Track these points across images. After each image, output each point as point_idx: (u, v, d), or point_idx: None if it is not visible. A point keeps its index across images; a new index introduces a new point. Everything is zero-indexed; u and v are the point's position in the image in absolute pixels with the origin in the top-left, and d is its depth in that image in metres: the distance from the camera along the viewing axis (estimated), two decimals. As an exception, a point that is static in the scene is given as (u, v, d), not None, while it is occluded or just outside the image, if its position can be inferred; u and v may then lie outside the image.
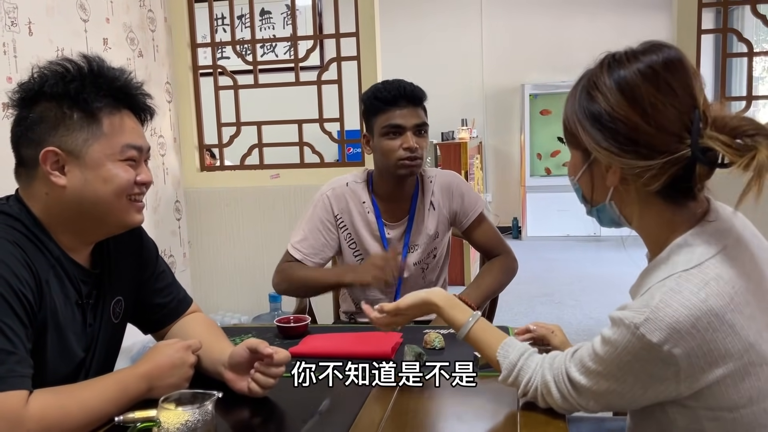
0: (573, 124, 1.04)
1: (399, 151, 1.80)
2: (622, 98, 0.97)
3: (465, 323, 1.18)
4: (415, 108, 1.83)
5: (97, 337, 1.23)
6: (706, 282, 0.92)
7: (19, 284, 1.02)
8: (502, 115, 6.89)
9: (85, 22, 2.56)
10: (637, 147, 0.96)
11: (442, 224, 1.95)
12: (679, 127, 0.95)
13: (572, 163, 1.10)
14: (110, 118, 1.13)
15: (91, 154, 1.12)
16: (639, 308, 0.94)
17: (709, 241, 0.97)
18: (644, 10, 6.33)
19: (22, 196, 1.15)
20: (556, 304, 4.48)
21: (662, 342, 0.90)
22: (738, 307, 0.92)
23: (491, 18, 6.70)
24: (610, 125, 0.97)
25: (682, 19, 2.84)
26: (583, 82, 1.03)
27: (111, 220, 1.17)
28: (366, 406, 1.16)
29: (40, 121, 1.11)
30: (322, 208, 1.93)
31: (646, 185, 0.97)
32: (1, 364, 0.97)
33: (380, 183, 1.92)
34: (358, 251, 1.94)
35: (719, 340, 0.91)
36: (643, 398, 0.97)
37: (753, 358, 0.93)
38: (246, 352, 1.18)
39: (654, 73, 0.96)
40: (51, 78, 1.11)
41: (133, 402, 1.12)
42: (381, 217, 1.92)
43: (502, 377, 1.13)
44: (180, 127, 3.28)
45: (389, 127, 1.81)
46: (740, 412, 0.95)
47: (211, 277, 3.33)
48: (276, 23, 6.56)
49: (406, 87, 1.82)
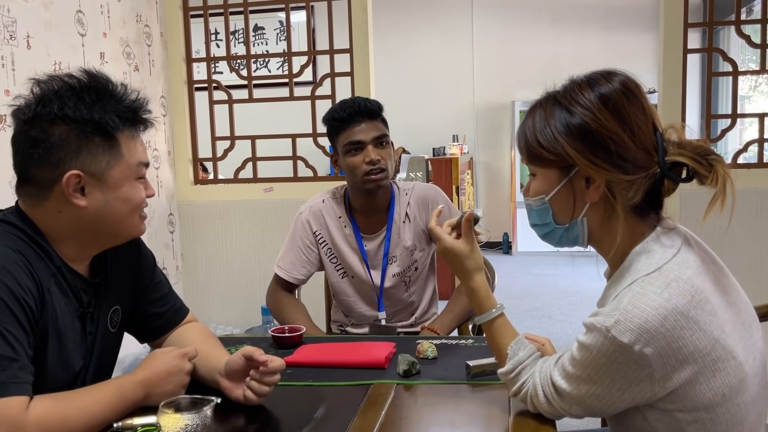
0: (548, 143, 1.06)
1: (362, 166, 1.83)
2: (609, 114, 1.03)
3: (490, 311, 1.20)
4: (372, 121, 1.86)
5: (94, 346, 1.25)
6: (667, 284, 0.98)
7: (21, 291, 1.04)
8: (493, 131, 6.97)
9: (82, 36, 2.59)
10: (624, 162, 1.03)
11: (418, 236, 1.96)
12: (651, 145, 1.03)
13: (540, 183, 1.12)
14: (126, 140, 1.17)
15: (112, 175, 1.15)
16: (609, 312, 0.99)
17: (664, 244, 1.04)
18: (631, 28, 6.45)
19: (25, 211, 1.16)
20: (546, 318, 4.52)
21: (633, 342, 0.95)
22: (699, 304, 0.98)
23: (482, 35, 6.79)
24: (600, 140, 1.03)
25: (668, 39, 2.90)
26: (561, 102, 1.07)
27: (123, 233, 1.22)
28: (360, 412, 1.18)
29: (61, 145, 1.10)
30: (301, 227, 1.98)
31: (630, 199, 1.04)
32: (4, 371, 0.98)
33: (354, 197, 1.95)
34: (339, 265, 1.98)
35: (687, 337, 0.96)
36: (621, 400, 1.01)
37: (720, 353, 0.99)
38: (242, 359, 1.20)
39: (631, 93, 1.04)
40: (69, 100, 1.11)
41: (131, 408, 1.14)
42: (359, 230, 1.96)
43: (505, 370, 1.15)
44: (174, 140, 3.31)
45: (350, 145, 1.85)
46: (716, 411, 0.99)
47: (203, 290, 3.34)
48: (269, 39, 6.62)
49: (360, 103, 1.86)
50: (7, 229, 1.11)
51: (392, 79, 6.08)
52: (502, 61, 6.75)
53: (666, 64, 2.91)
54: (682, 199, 2.58)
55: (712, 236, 1.20)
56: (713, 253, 1.12)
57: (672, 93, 2.90)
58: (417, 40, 6.81)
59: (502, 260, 6.50)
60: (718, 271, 1.09)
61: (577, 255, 6.50)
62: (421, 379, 1.34)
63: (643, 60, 6.11)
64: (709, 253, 1.11)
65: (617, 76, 1.06)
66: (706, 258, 1.08)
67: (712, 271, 1.07)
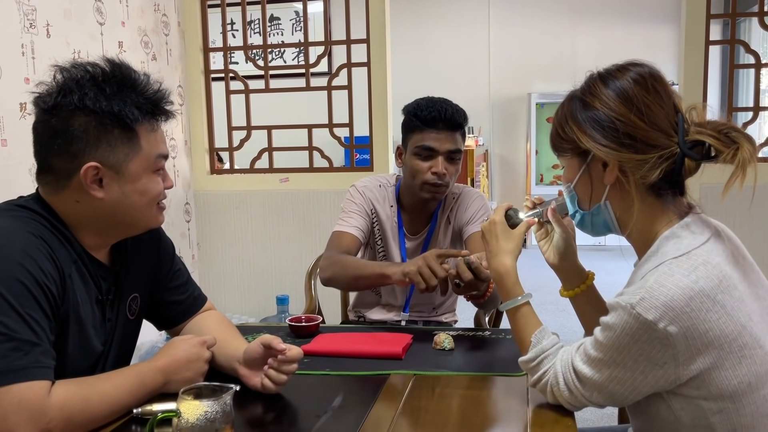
0: (568, 132, 1.12)
1: (427, 174, 1.77)
2: (619, 101, 1.07)
3: (515, 298, 1.21)
4: (452, 132, 1.77)
5: (114, 333, 1.26)
6: (695, 267, 0.98)
7: (43, 277, 1.05)
8: (509, 123, 6.92)
9: (101, 25, 2.60)
10: (634, 142, 1.05)
11: (453, 238, 1.94)
12: (667, 125, 1.05)
13: (566, 172, 1.18)
14: (146, 132, 1.16)
15: (130, 168, 1.14)
16: (634, 291, 0.99)
17: (694, 232, 1.05)
18: (650, 20, 6.37)
19: (45, 198, 1.16)
20: (561, 312, 4.48)
21: (657, 320, 0.95)
22: (727, 289, 0.98)
23: (498, 27, 6.74)
24: (609, 125, 1.06)
25: (690, 30, 2.86)
26: (577, 94, 1.13)
27: (140, 224, 1.22)
28: (378, 402, 1.18)
29: (80, 136, 1.10)
30: (358, 196, 1.92)
31: (644, 178, 1.05)
32: (26, 355, 0.99)
33: (406, 195, 1.92)
34: (382, 248, 1.95)
35: (713, 320, 0.96)
36: (644, 384, 1.00)
37: (746, 339, 0.98)
38: (260, 348, 1.21)
39: (643, 80, 1.07)
40: (90, 91, 1.10)
41: (151, 395, 1.15)
42: (403, 226, 1.93)
43: (527, 358, 1.15)
44: (191, 130, 3.32)
45: (421, 148, 1.77)
46: (742, 401, 0.98)
47: (219, 279, 3.36)
48: (285, 29, 6.61)
49: (447, 110, 1.76)
50: (28, 215, 1.12)
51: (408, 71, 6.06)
52: (518, 52, 6.70)
53: (688, 56, 2.87)
54: (702, 192, 2.55)
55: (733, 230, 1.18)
56: (744, 248, 1.11)
57: (693, 85, 2.86)
58: (433, 32, 6.77)
59: (516, 253, 6.45)
60: (748, 267, 1.08)
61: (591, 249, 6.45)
62: (438, 370, 1.34)
63: (663, 52, 6.03)
64: (740, 248, 1.10)
65: (632, 70, 1.09)
66: (737, 252, 1.08)
67: (742, 264, 1.07)
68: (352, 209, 1.90)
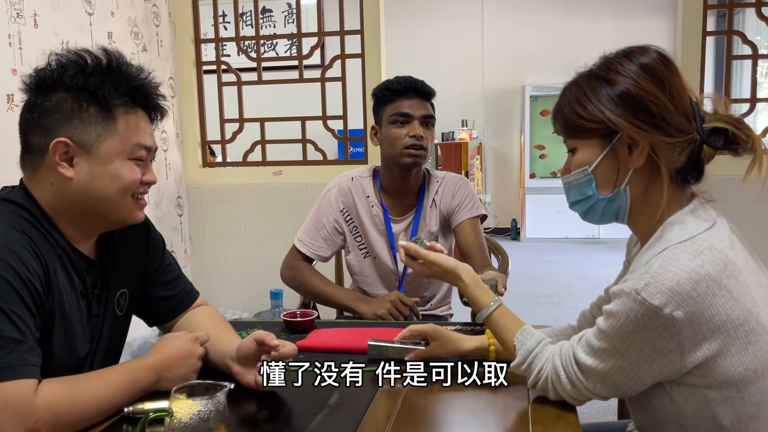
0: (593, 111, 1.05)
1: (405, 138, 1.84)
2: (649, 78, 1.03)
3: (487, 305, 1.19)
4: (423, 100, 1.88)
5: (101, 329, 1.23)
6: (700, 251, 0.96)
7: (27, 273, 1.02)
8: (503, 116, 6.91)
9: (90, 15, 2.55)
10: (665, 124, 1.02)
11: (441, 223, 1.95)
12: (689, 111, 1.03)
13: (582, 155, 1.09)
14: (125, 116, 1.13)
15: (101, 149, 1.11)
16: (639, 276, 0.97)
17: (699, 218, 1.04)
18: (645, 12, 6.36)
19: (26, 185, 1.14)
20: (555, 305, 4.49)
21: (663, 305, 0.92)
22: (732, 274, 0.96)
23: (492, 19, 6.71)
24: (641, 103, 1.02)
25: (687, 21, 2.84)
26: (595, 71, 1.07)
27: (113, 216, 1.17)
28: (376, 400, 1.16)
29: (54, 111, 1.09)
30: (326, 204, 1.96)
31: (675, 161, 1.03)
32: (11, 353, 0.96)
33: (386, 176, 1.95)
34: (363, 245, 1.96)
35: (719, 305, 0.94)
36: (649, 373, 0.98)
37: (753, 325, 0.96)
38: (253, 344, 1.18)
39: (668, 61, 1.05)
40: (70, 68, 1.10)
41: (142, 393, 1.12)
42: (387, 211, 1.93)
43: (516, 363, 1.13)
44: (183, 122, 3.27)
45: (397, 115, 1.85)
46: (747, 389, 0.96)
47: (212, 274, 3.32)
48: (277, 21, 6.56)
49: (416, 81, 1.89)
50: (11, 209, 1.09)
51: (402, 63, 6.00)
52: (512, 45, 6.68)
53: (684, 46, 2.85)
54: (712, 186, 2.54)
55: (736, 224, 1.17)
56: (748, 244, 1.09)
57: (690, 76, 2.82)
58: (426, 24, 6.74)
59: (510, 246, 6.42)
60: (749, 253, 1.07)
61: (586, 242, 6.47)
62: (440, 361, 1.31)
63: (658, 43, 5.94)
64: (739, 236, 1.09)
65: (652, 48, 1.07)
66: (739, 239, 1.07)
67: (743, 251, 1.06)
68: (318, 229, 1.95)
